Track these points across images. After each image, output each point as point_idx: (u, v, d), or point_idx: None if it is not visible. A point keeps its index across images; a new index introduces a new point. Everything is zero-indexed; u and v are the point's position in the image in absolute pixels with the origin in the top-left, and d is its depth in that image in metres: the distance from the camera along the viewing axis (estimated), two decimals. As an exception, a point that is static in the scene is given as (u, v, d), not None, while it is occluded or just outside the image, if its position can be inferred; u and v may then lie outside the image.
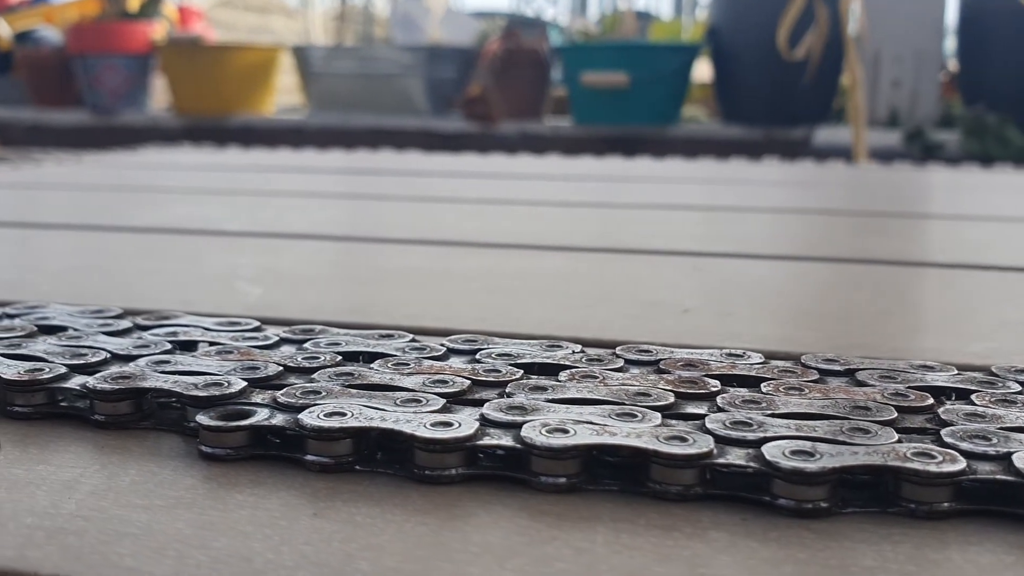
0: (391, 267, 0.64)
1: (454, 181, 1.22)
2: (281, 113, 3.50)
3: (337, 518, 0.27)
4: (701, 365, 0.37)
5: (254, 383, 0.34)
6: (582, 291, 0.57)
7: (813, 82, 2.74)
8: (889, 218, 0.92)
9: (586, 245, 0.73)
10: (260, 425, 0.31)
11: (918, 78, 2.87)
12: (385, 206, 0.96)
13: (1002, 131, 2.54)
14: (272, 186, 1.13)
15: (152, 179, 1.18)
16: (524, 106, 3.17)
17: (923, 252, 0.74)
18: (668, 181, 1.24)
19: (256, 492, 0.28)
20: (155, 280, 0.58)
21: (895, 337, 0.48)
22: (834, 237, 0.81)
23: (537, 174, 1.31)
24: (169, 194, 1.03)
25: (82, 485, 0.29)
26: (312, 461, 0.30)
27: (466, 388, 0.34)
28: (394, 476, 0.30)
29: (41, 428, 0.33)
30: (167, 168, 1.32)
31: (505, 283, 0.59)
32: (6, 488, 0.29)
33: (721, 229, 0.84)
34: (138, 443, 0.32)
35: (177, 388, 0.33)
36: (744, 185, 1.21)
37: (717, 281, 0.61)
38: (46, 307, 0.45)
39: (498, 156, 1.60)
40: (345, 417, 0.30)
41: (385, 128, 3.18)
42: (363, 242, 0.74)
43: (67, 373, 0.35)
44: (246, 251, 0.69)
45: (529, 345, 0.39)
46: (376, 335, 0.41)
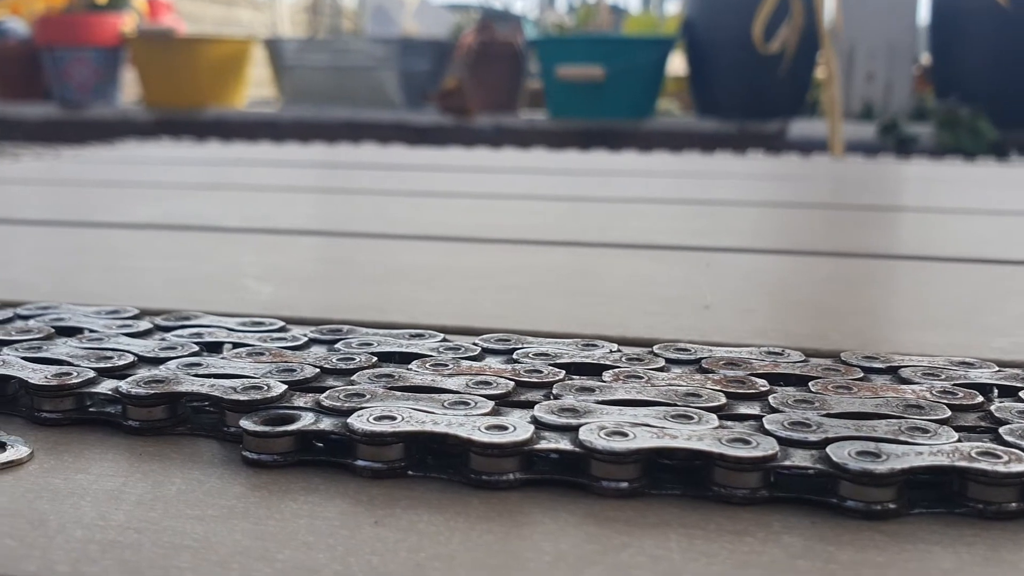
0: (397, 264, 0.63)
1: (443, 176, 1.21)
2: (253, 106, 3.46)
3: (399, 526, 0.26)
4: (744, 364, 0.36)
5: (293, 386, 0.33)
6: (593, 287, 0.56)
7: (787, 75, 2.75)
8: (884, 212, 0.93)
9: (588, 240, 0.72)
10: (308, 430, 0.30)
11: (891, 71, 2.89)
12: (379, 201, 0.95)
13: (975, 124, 2.57)
14: (259, 181, 1.11)
15: (136, 174, 1.15)
16: (499, 99, 3.16)
17: (926, 247, 0.74)
18: (656, 175, 1.24)
19: (310, 500, 0.27)
20: (161, 278, 0.57)
21: (918, 332, 0.47)
22: (833, 231, 0.81)
23: (525, 168, 1.30)
24: (156, 189, 1.02)
25: (127, 495, 0.28)
26: (363, 467, 0.29)
27: (511, 390, 0.33)
28: (448, 481, 0.29)
29: (72, 434, 0.32)
30: (149, 163, 1.30)
31: (514, 279, 0.59)
32: (48, 499, 0.27)
33: (720, 223, 0.84)
34: (176, 449, 0.31)
35: (216, 392, 0.32)
36: (733, 179, 1.21)
37: (729, 276, 0.61)
38: (58, 307, 0.44)
39: (483, 150, 1.59)
40: (396, 421, 0.29)
41: (359, 121, 3.16)
42: (363, 238, 0.73)
43: (96, 377, 0.33)
44: (247, 248, 0.68)
45: (564, 344, 0.38)
46: (407, 335, 0.40)
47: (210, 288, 0.55)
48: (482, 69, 3.10)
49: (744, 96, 2.95)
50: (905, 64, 2.89)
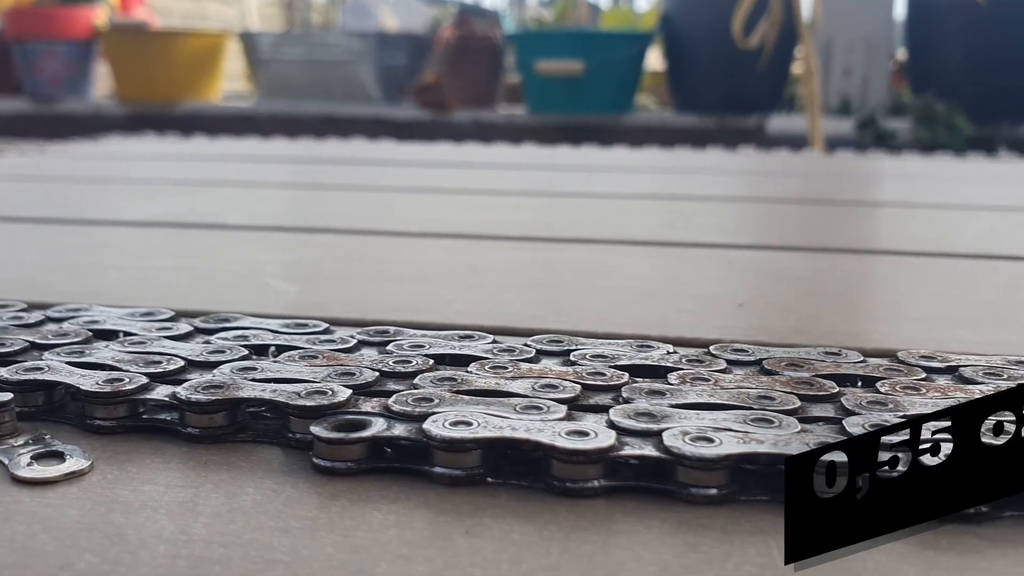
0: (414, 261, 0.62)
1: (439, 171, 1.20)
2: (227, 100, 3.43)
3: (492, 536, 0.25)
4: (806, 365, 0.36)
5: (356, 390, 0.32)
6: (620, 284, 0.56)
7: (765, 70, 2.76)
8: (887, 208, 0.93)
9: (601, 237, 0.71)
10: (382, 436, 0.29)
11: (868, 66, 2.91)
12: (381, 198, 0.94)
13: (951, 119, 2.59)
14: (255, 176, 1.09)
15: (126, 170, 1.13)
16: (477, 94, 3.15)
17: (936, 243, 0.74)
18: (652, 171, 1.23)
19: (394, 509, 0.27)
20: (179, 278, 0.56)
21: (955, 329, 0.47)
22: (841, 226, 0.81)
23: (519, 164, 1.29)
24: (151, 186, 1.00)
25: (202, 507, 0.27)
26: (441, 474, 0.28)
27: (579, 393, 0.32)
28: (528, 488, 0.28)
29: (127, 443, 0.31)
30: (136, 159, 1.27)
31: (535, 276, 0.58)
32: (121, 512, 0.26)
33: (725, 219, 0.84)
34: (242, 457, 0.30)
35: (280, 398, 0.31)
36: (729, 175, 1.21)
37: (752, 274, 0.60)
38: (89, 309, 0.43)
39: (472, 145, 1.58)
40: (473, 427, 0.28)
41: (336, 116, 3.13)
42: (372, 235, 0.72)
43: (149, 383, 0.32)
44: (256, 245, 0.67)
45: (619, 345, 0.38)
46: (455, 336, 0.39)
47: (233, 288, 0.54)
48: (460, 64, 3.08)
49: (722, 91, 2.96)
50: (882, 59, 2.91)
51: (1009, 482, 0.22)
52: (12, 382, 0.33)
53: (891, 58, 3.00)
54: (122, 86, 3.08)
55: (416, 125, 3.06)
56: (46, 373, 0.33)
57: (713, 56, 2.91)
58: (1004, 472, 0.22)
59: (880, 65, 2.91)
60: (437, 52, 3.09)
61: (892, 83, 3.00)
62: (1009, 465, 0.22)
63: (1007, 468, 0.22)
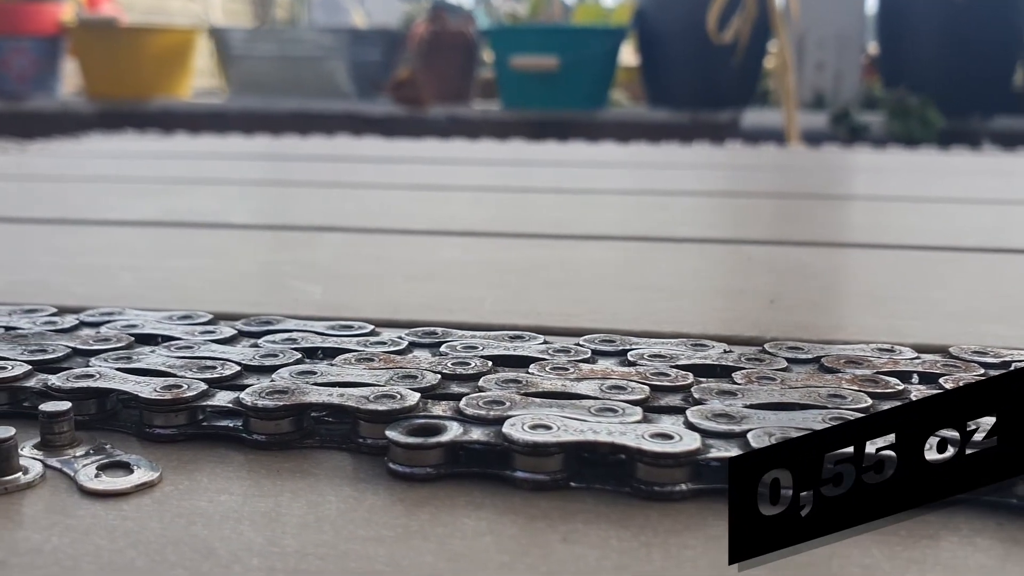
0: (430, 260, 0.62)
1: (435, 168, 1.19)
2: (198, 96, 3.39)
3: (590, 543, 0.25)
4: (865, 362, 0.36)
5: (423, 393, 0.31)
6: (648, 281, 0.56)
7: (739, 65, 2.77)
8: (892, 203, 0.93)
9: (615, 233, 0.71)
10: (461, 441, 0.28)
11: (841, 61, 2.94)
12: (383, 195, 0.93)
13: (924, 112, 2.62)
14: (246, 174, 1.08)
15: (115, 168, 1.11)
16: (451, 89, 3.14)
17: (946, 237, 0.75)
18: (649, 167, 1.23)
19: (483, 516, 0.26)
20: (198, 279, 0.55)
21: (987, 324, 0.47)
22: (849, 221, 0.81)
23: (515, 160, 1.29)
24: (144, 184, 0.98)
25: (285, 517, 0.26)
26: (524, 479, 0.28)
27: (648, 395, 0.32)
28: (613, 492, 0.28)
29: (190, 451, 0.30)
30: (123, 156, 1.25)
31: (561, 275, 0.57)
32: (203, 524, 0.26)
33: (728, 215, 0.84)
34: (313, 464, 0.29)
35: (349, 402, 0.30)
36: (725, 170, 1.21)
37: (772, 270, 0.60)
38: (122, 313, 0.42)
39: (459, 141, 1.57)
40: (554, 430, 0.28)
41: (309, 112, 3.11)
42: (382, 233, 0.71)
43: (209, 389, 0.32)
44: (268, 245, 0.66)
45: (673, 344, 0.37)
46: (506, 336, 0.38)
47: (257, 289, 0.53)
48: (434, 59, 3.07)
49: (696, 86, 2.97)
50: (854, 53, 2.94)
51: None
52: (65, 390, 0.32)
53: (863, 52, 3.03)
54: (91, 83, 3.03)
55: (391, 121, 3.04)
56: (99, 380, 0.32)
57: (687, 51, 2.91)
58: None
59: (852, 59, 2.93)
60: (411, 48, 3.07)
61: (864, 77, 3.02)
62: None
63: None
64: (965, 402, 0.21)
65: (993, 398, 0.21)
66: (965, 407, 0.21)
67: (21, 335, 0.38)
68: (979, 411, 0.21)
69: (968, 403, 0.21)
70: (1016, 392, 0.20)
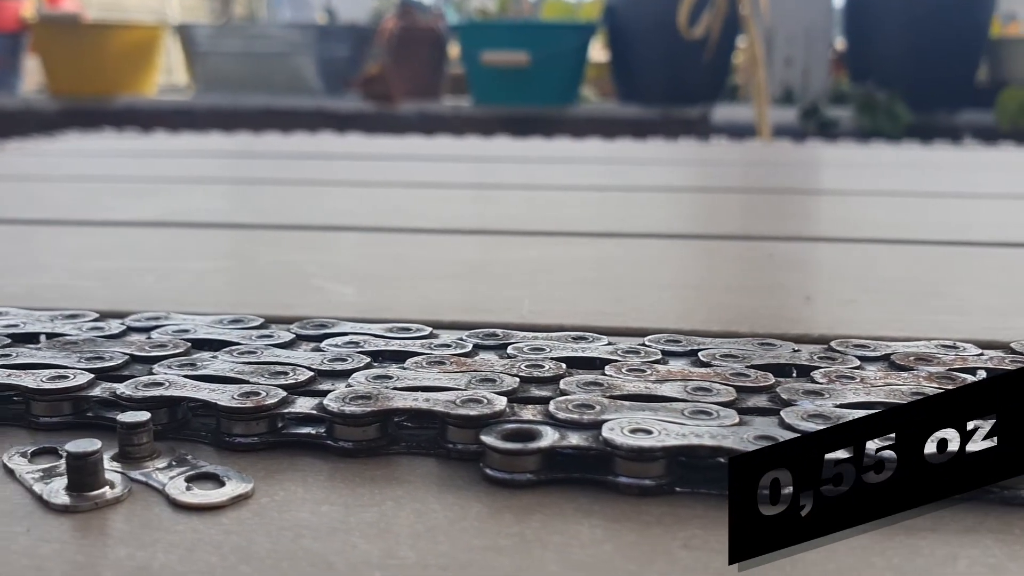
0: (451, 259, 0.61)
1: (434, 165, 1.18)
2: (164, 93, 3.34)
3: (712, 548, 0.24)
4: (934, 359, 0.36)
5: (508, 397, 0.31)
6: (683, 279, 0.55)
7: (708, 61, 2.79)
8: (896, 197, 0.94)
9: (629, 231, 0.71)
10: (561, 446, 0.28)
11: (809, 56, 2.96)
12: (388, 193, 0.92)
13: (892, 107, 2.65)
14: (241, 173, 1.06)
15: (101, 168, 1.09)
16: (421, 85, 3.12)
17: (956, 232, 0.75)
18: (644, 164, 1.23)
19: (596, 523, 0.26)
20: (221, 280, 0.54)
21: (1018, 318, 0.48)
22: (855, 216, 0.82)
23: (511, 157, 1.28)
24: (137, 184, 0.96)
25: (395, 527, 0.25)
26: (629, 484, 0.27)
27: (735, 396, 0.31)
28: (720, 496, 0.27)
29: (272, 460, 0.29)
30: (106, 155, 1.23)
31: (590, 273, 0.57)
32: (311, 537, 0.25)
33: (741, 211, 0.84)
34: (404, 471, 0.29)
35: (437, 407, 0.29)
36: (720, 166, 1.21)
37: (794, 265, 0.60)
38: (168, 317, 0.41)
39: (445, 138, 1.56)
40: (655, 435, 0.28)
41: (277, 108, 3.08)
42: (394, 232, 0.70)
43: (288, 396, 0.31)
44: (284, 246, 0.65)
45: (742, 344, 0.37)
46: (568, 337, 0.38)
47: (287, 290, 0.52)
48: (404, 55, 3.05)
49: (666, 82, 2.98)
50: (822, 49, 2.96)
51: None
52: (137, 399, 0.31)
53: (830, 48, 3.05)
54: (53, 80, 2.98)
55: (360, 117, 3.02)
56: (170, 389, 0.31)
57: (657, 47, 2.92)
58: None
59: (820, 54, 2.96)
60: (380, 43, 3.05)
61: (832, 72, 3.05)
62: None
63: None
64: (965, 402, 0.21)
65: (993, 398, 0.20)
66: (965, 407, 0.21)
67: (71, 342, 0.37)
68: (979, 411, 0.20)
69: (968, 403, 0.21)
70: (1016, 392, 0.20)
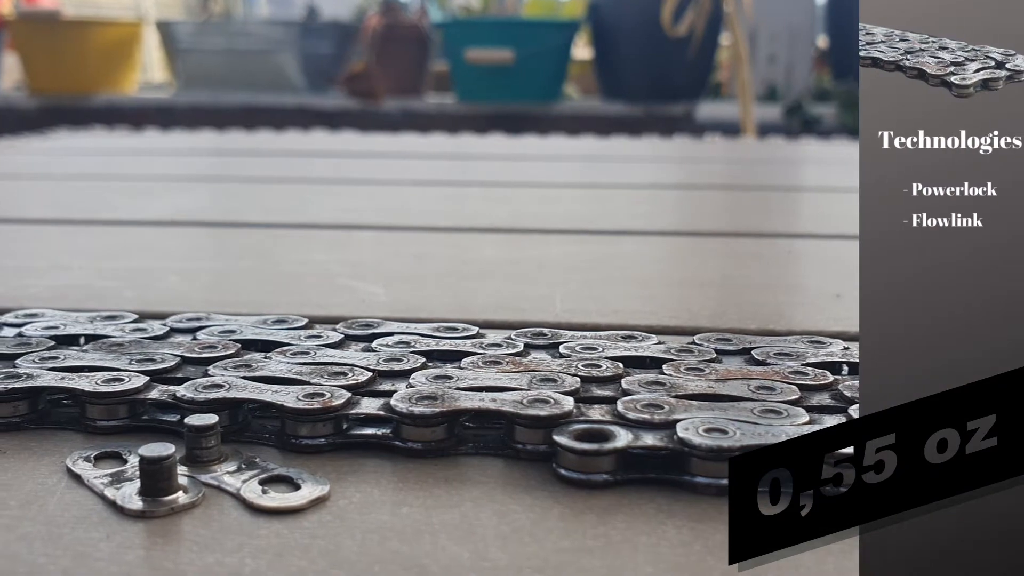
0: (475, 258, 0.61)
1: (433, 163, 1.18)
2: (144, 91, 3.31)
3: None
4: (985, 355, 0.36)
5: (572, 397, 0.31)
6: (706, 277, 0.55)
7: (692, 58, 2.80)
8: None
9: (641, 229, 0.71)
10: (640, 446, 0.28)
11: (792, 53, 2.98)
12: (397, 191, 0.91)
13: (875, 105, 2.66)
14: (241, 171, 1.06)
15: (98, 166, 1.08)
16: (405, 83, 3.11)
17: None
18: (640, 161, 1.24)
19: (680, 524, 0.26)
20: (250, 280, 0.53)
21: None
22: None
23: (509, 155, 1.28)
24: (138, 183, 0.95)
25: (479, 528, 0.25)
26: (707, 484, 0.27)
27: (800, 395, 0.31)
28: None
29: (338, 462, 0.29)
30: (103, 153, 1.22)
31: (608, 272, 0.57)
32: (397, 540, 0.25)
33: (748, 208, 0.84)
34: (475, 471, 0.29)
35: (506, 408, 0.29)
36: (717, 163, 1.21)
37: (814, 262, 0.61)
38: (209, 318, 0.40)
39: (437, 136, 1.55)
40: (731, 435, 0.28)
41: (259, 106, 3.05)
42: (414, 231, 0.70)
43: (353, 397, 0.31)
44: (302, 244, 0.64)
45: (792, 341, 0.37)
46: (618, 336, 0.38)
47: (317, 290, 0.51)
48: (387, 52, 3.04)
49: (649, 79, 2.98)
50: (805, 46, 2.98)
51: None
52: (199, 402, 0.30)
53: (813, 45, 3.07)
54: (32, 77, 2.94)
55: (344, 115, 3.00)
56: (231, 390, 0.31)
57: (641, 44, 2.93)
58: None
59: (803, 52, 2.98)
60: (364, 41, 3.04)
61: (814, 70, 3.07)
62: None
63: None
64: (965, 402, 0.21)
65: (993, 398, 0.21)
66: (965, 407, 0.21)
67: (117, 343, 0.36)
68: (979, 411, 0.21)
69: (968, 403, 0.21)
70: (1016, 392, 0.20)
